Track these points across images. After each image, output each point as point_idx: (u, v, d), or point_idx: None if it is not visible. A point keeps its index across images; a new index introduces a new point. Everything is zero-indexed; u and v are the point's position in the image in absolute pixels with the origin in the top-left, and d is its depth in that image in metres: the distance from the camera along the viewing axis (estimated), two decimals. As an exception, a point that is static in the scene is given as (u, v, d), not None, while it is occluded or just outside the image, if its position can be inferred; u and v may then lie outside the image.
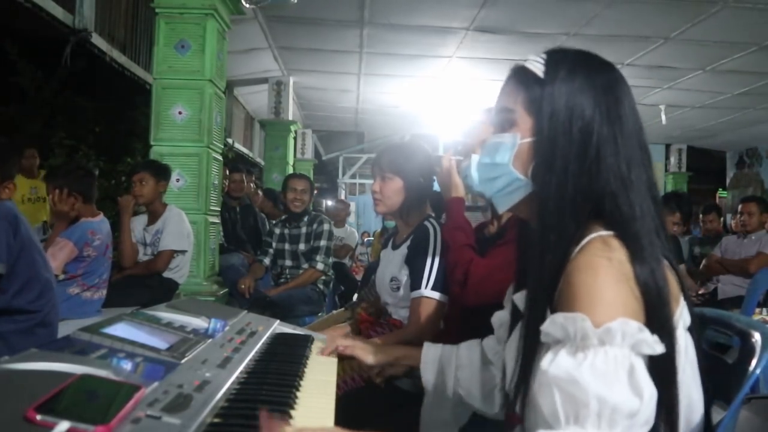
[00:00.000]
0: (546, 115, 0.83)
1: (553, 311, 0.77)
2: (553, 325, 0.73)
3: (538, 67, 0.87)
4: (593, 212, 0.81)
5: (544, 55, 0.88)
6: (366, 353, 1.29)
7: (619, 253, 0.76)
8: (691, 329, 0.82)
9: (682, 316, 0.80)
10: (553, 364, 0.71)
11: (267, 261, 3.62)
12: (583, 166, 0.81)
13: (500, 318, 1.07)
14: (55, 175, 2.59)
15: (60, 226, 2.53)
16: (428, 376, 1.21)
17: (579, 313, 0.71)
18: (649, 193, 0.83)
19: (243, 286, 3.37)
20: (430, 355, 1.23)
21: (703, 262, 4.14)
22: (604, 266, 0.74)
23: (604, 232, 0.78)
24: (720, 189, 10.19)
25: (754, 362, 0.86)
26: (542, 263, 0.81)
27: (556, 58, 0.87)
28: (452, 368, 1.18)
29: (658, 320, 0.74)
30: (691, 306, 0.83)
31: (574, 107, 0.83)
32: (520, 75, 0.88)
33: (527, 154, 0.85)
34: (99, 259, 2.60)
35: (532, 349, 0.79)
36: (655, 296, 0.75)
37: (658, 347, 0.70)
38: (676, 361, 0.75)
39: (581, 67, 0.87)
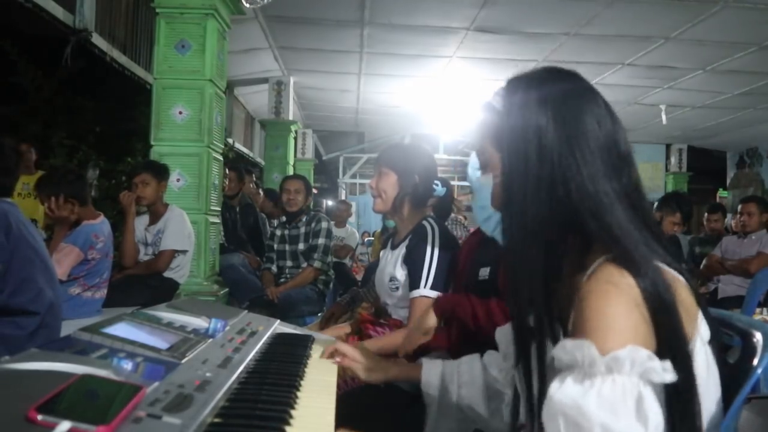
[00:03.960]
0: (505, 147, 0.82)
1: (567, 333, 0.76)
2: (561, 350, 0.72)
3: (497, 99, 0.86)
4: (583, 238, 0.79)
5: (503, 86, 0.87)
6: (362, 369, 1.25)
7: (623, 276, 0.74)
8: (710, 342, 0.79)
9: (699, 331, 0.77)
10: (560, 390, 0.70)
11: (274, 268, 3.63)
12: (540, 192, 0.79)
13: (505, 335, 1.04)
14: (45, 184, 2.58)
15: (61, 232, 2.54)
16: (432, 391, 1.20)
17: (586, 340, 0.70)
18: (627, 202, 0.80)
19: (270, 296, 3.37)
20: (432, 373, 1.21)
21: (704, 261, 4.14)
22: (614, 292, 0.73)
23: (604, 259, 0.77)
24: (720, 189, 10.19)
25: (755, 362, 0.86)
26: (518, 296, 0.80)
27: (512, 85, 0.85)
28: (455, 386, 1.18)
29: (670, 339, 0.72)
30: (708, 317, 0.81)
31: (527, 130, 0.80)
32: (485, 112, 0.88)
33: (500, 191, 0.84)
34: (102, 261, 2.61)
35: (541, 375, 0.79)
36: (664, 310, 0.72)
37: (668, 376, 0.68)
38: (695, 382, 0.73)
39: (535, 86, 0.83)
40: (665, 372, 0.68)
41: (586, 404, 0.67)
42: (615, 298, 0.73)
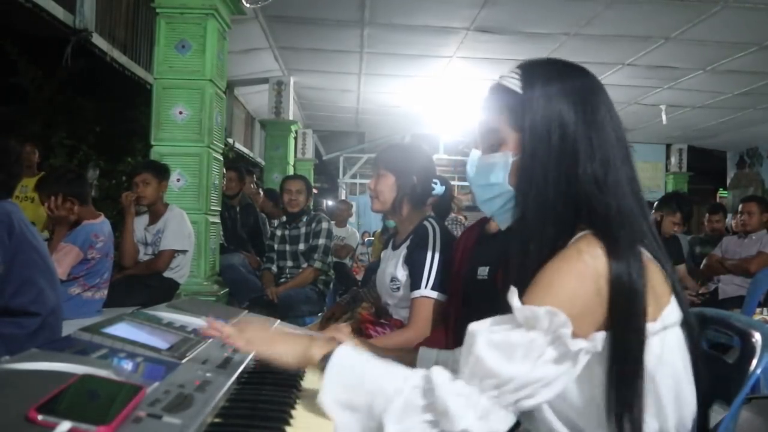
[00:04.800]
0: (527, 129, 0.87)
1: None
2: (509, 294, 0.80)
3: (514, 83, 0.90)
4: (578, 215, 0.85)
5: (518, 70, 0.92)
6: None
7: (593, 248, 0.80)
8: (684, 325, 0.85)
9: (669, 313, 0.83)
10: (479, 322, 0.80)
11: (274, 268, 3.63)
12: (561, 173, 0.85)
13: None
14: (45, 184, 2.58)
15: (61, 232, 2.54)
16: None
17: (514, 288, 0.79)
18: (630, 190, 0.87)
19: (271, 296, 3.36)
20: (426, 359, 1.22)
21: (704, 261, 4.14)
22: (569, 258, 0.80)
23: (589, 233, 0.83)
24: (720, 189, 10.19)
25: (754, 362, 0.87)
26: (525, 262, 0.85)
27: (530, 72, 0.91)
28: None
29: (625, 317, 0.78)
30: (683, 302, 0.86)
31: (551, 117, 0.86)
32: (500, 93, 0.92)
33: (520, 169, 0.89)
34: (102, 261, 2.61)
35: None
36: (627, 292, 0.78)
37: (576, 345, 0.75)
38: (642, 358, 0.79)
39: (556, 77, 0.89)
40: (577, 340, 0.76)
41: (480, 339, 0.77)
42: (567, 263, 0.80)
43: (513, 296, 0.79)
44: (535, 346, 0.75)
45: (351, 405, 0.81)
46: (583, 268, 0.79)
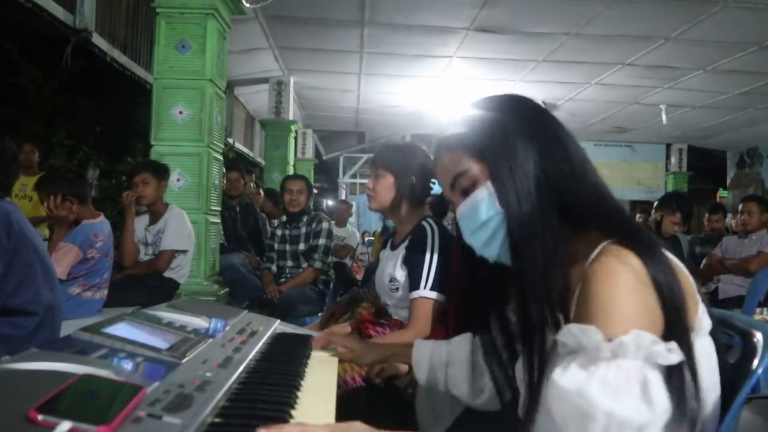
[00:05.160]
0: (486, 151, 0.88)
1: (569, 319, 0.77)
2: (567, 335, 0.73)
3: (457, 127, 0.93)
4: (574, 218, 0.83)
5: (458, 119, 0.94)
6: (357, 354, 1.29)
7: (633, 258, 0.75)
8: (712, 333, 0.80)
9: (701, 320, 0.79)
10: (564, 376, 0.71)
11: (274, 268, 3.63)
12: (532, 188, 0.84)
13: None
14: (45, 183, 2.59)
15: (60, 231, 2.54)
16: (421, 373, 1.22)
17: (592, 326, 0.71)
18: (605, 189, 0.88)
19: (271, 294, 3.36)
20: (422, 352, 1.23)
21: (704, 261, 4.14)
22: (620, 274, 0.74)
23: (608, 240, 0.78)
24: (720, 189, 10.19)
25: (755, 362, 0.86)
26: (523, 289, 0.82)
27: (481, 104, 0.93)
28: (443, 365, 1.19)
29: (674, 322, 0.74)
30: (709, 308, 0.82)
31: (503, 130, 0.88)
32: (449, 141, 0.95)
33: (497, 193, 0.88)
34: (102, 261, 2.61)
35: (542, 360, 0.80)
36: (670, 296, 0.74)
37: (673, 357, 0.69)
38: (696, 366, 0.74)
39: (492, 104, 0.92)
40: (671, 353, 0.69)
41: (590, 391, 0.68)
42: (621, 281, 0.73)
43: (596, 334, 0.70)
44: (635, 376, 0.68)
45: None
46: (633, 280, 0.73)
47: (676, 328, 0.73)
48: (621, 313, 0.72)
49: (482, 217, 0.88)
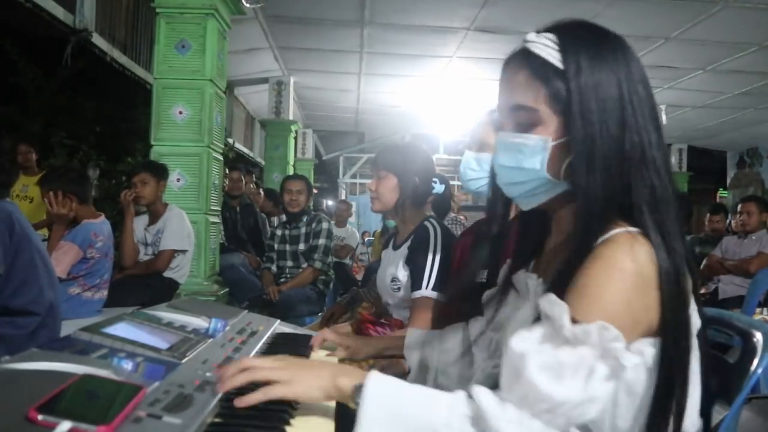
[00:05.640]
0: (577, 113, 0.77)
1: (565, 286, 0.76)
2: (545, 301, 0.74)
3: (552, 54, 0.81)
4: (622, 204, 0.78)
5: (553, 37, 0.83)
6: (353, 350, 1.31)
7: (644, 252, 0.74)
8: (698, 334, 0.80)
9: (693, 318, 0.78)
10: (520, 339, 0.73)
11: (274, 268, 3.63)
12: (622, 159, 0.77)
13: (489, 296, 1.07)
14: (47, 179, 2.59)
15: (59, 230, 2.53)
16: (412, 360, 1.23)
17: (565, 304, 0.72)
18: (666, 173, 0.80)
19: (271, 294, 3.36)
20: (414, 339, 1.25)
21: (704, 261, 4.14)
22: (624, 271, 0.73)
23: (631, 228, 0.76)
24: (720, 189, 10.19)
25: (755, 362, 0.86)
26: (576, 258, 0.77)
27: (571, 42, 0.82)
28: (434, 350, 1.19)
29: (676, 320, 0.74)
30: (701, 308, 0.81)
31: (605, 101, 0.77)
32: (534, 64, 0.81)
33: (558, 154, 0.80)
34: (101, 261, 2.60)
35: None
36: (677, 294, 0.74)
37: (632, 358, 0.70)
38: (688, 365, 0.75)
39: (600, 50, 0.81)
40: (630, 353, 0.70)
41: (533, 361, 0.70)
42: (617, 276, 0.73)
43: (563, 313, 0.71)
44: (585, 364, 0.69)
45: None
46: (637, 278, 0.72)
47: (673, 328, 0.73)
48: (601, 305, 0.72)
49: (524, 164, 0.82)
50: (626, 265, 0.73)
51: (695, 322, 0.78)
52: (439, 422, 0.72)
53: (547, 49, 0.81)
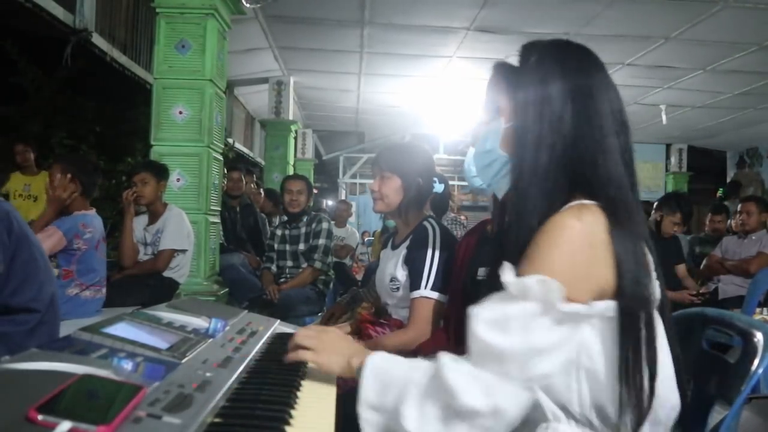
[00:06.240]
0: (520, 97, 0.91)
1: None
2: (502, 271, 0.81)
3: (514, 59, 0.96)
4: (574, 183, 0.86)
5: (520, 49, 0.97)
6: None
7: (594, 218, 0.81)
8: (660, 311, 0.85)
9: (653, 292, 0.84)
10: (477, 306, 0.80)
11: (274, 268, 3.63)
12: (553, 140, 0.87)
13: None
14: (64, 158, 2.63)
15: (49, 214, 2.51)
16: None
17: (510, 265, 0.80)
18: (622, 161, 0.88)
19: (271, 294, 3.35)
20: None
21: (704, 262, 4.14)
22: (568, 228, 0.80)
23: (586, 201, 0.83)
24: (720, 189, 10.18)
25: (756, 362, 0.86)
26: (518, 231, 0.86)
27: (530, 48, 0.95)
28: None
29: (631, 284, 0.79)
30: (662, 287, 0.87)
31: (544, 87, 0.89)
32: (500, 68, 1.00)
33: (511, 135, 0.94)
34: (90, 253, 2.57)
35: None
36: (631, 260, 0.80)
37: (576, 307, 0.76)
38: (652, 327, 0.80)
39: (551, 52, 0.93)
40: (568, 305, 0.76)
41: (478, 319, 0.79)
42: (562, 235, 0.80)
43: (506, 271, 0.80)
44: (529, 316, 0.76)
45: (380, 407, 0.83)
46: (577, 234, 0.79)
47: (632, 287, 0.79)
48: (543, 261, 0.79)
49: (486, 146, 0.98)
50: (571, 223, 0.80)
51: (655, 294, 0.84)
52: (412, 380, 0.82)
53: (513, 57, 0.97)
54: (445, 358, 0.80)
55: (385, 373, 0.86)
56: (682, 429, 1.01)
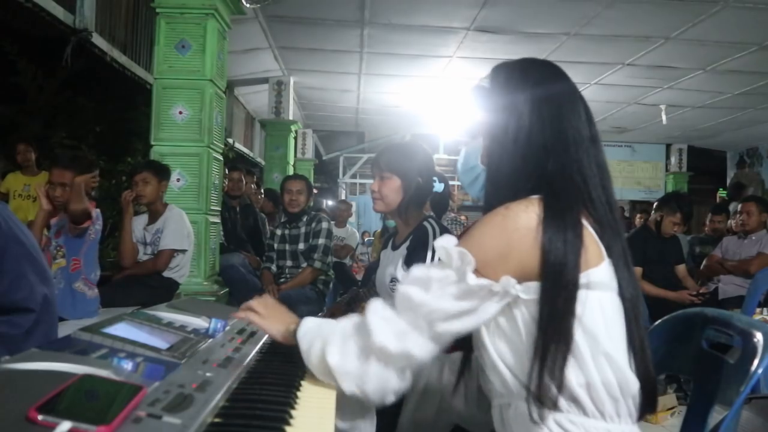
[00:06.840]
0: (490, 113, 1.01)
1: None
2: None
3: (486, 82, 1.05)
4: (538, 189, 0.93)
5: (491, 72, 1.05)
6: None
7: (526, 206, 0.89)
8: (621, 297, 0.92)
9: (595, 274, 0.89)
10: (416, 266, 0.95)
11: (274, 268, 3.62)
12: (515, 148, 0.96)
13: None
14: (80, 161, 2.68)
15: (42, 221, 2.56)
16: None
17: (450, 235, 0.95)
18: (593, 162, 0.95)
19: (270, 294, 3.35)
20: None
21: (704, 262, 4.14)
22: (496, 212, 0.91)
23: (533, 196, 0.92)
24: (720, 189, 10.18)
25: (755, 362, 0.86)
26: None
27: (497, 69, 1.04)
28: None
29: (554, 270, 0.86)
30: (630, 276, 0.94)
31: (511, 101, 0.98)
32: (476, 92, 1.07)
33: (485, 149, 1.04)
34: (94, 246, 2.61)
35: None
36: (558, 248, 0.86)
37: (473, 281, 0.86)
38: (570, 310, 0.86)
39: (517, 69, 1.02)
40: (476, 278, 0.86)
41: (407, 277, 0.92)
42: (497, 217, 0.90)
43: (442, 239, 0.91)
44: (446, 281, 0.87)
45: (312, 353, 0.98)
46: (504, 220, 0.89)
47: (551, 277, 0.86)
48: (471, 238, 0.90)
49: (470, 163, 1.15)
50: (502, 211, 0.90)
51: (603, 279, 0.90)
52: (339, 326, 0.97)
53: (485, 80, 1.06)
54: (376, 303, 0.93)
55: (317, 327, 1.00)
56: (682, 429, 1.02)
